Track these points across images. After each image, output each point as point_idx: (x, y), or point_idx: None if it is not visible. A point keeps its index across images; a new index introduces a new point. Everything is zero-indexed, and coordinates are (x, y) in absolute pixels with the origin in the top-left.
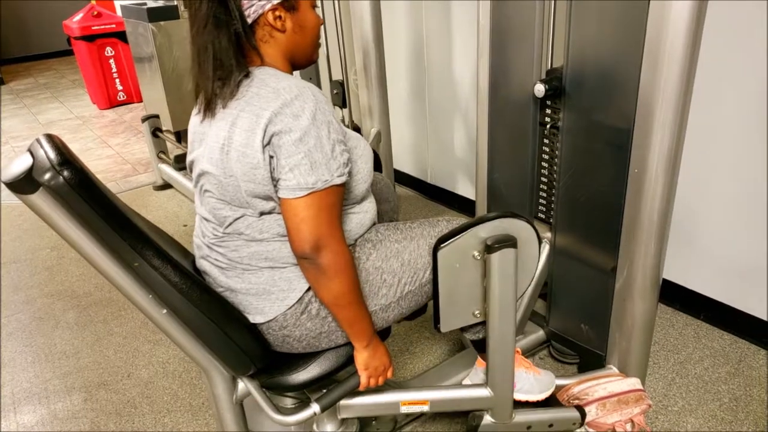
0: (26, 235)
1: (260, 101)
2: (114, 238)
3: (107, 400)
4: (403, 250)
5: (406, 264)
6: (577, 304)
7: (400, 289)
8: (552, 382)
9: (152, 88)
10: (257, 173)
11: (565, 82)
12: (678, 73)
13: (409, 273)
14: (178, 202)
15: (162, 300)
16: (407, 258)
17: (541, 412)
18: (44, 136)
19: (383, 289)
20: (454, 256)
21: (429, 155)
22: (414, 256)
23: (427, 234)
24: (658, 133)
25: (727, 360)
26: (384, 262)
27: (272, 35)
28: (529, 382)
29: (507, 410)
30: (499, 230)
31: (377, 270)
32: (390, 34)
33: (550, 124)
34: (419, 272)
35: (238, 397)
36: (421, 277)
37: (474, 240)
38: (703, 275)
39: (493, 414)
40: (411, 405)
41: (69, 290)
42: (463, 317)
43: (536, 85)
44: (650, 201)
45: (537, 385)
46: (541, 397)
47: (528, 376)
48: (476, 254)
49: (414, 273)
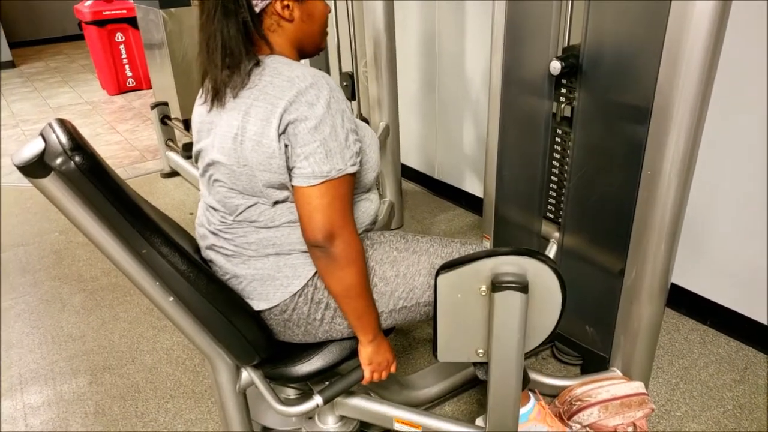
0: (35, 218)
1: (275, 90)
2: (123, 225)
3: (112, 383)
4: (401, 260)
5: (401, 276)
6: (583, 305)
7: (393, 302)
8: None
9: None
10: (273, 162)
11: (582, 60)
12: (699, 63)
13: (404, 287)
14: (185, 190)
15: (169, 287)
16: (403, 270)
17: None
18: (56, 120)
19: (374, 294)
20: (456, 285)
21: (437, 150)
22: (411, 271)
23: (433, 252)
24: (674, 136)
25: (732, 367)
26: (377, 264)
27: (280, 24)
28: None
29: None
30: (511, 268)
31: (369, 270)
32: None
33: (562, 115)
34: (416, 290)
35: (242, 386)
36: (418, 296)
37: (481, 273)
38: (711, 280)
39: None
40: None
41: (76, 274)
42: (464, 353)
43: (552, 62)
44: (662, 204)
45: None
46: None
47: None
48: (483, 289)
49: (410, 290)
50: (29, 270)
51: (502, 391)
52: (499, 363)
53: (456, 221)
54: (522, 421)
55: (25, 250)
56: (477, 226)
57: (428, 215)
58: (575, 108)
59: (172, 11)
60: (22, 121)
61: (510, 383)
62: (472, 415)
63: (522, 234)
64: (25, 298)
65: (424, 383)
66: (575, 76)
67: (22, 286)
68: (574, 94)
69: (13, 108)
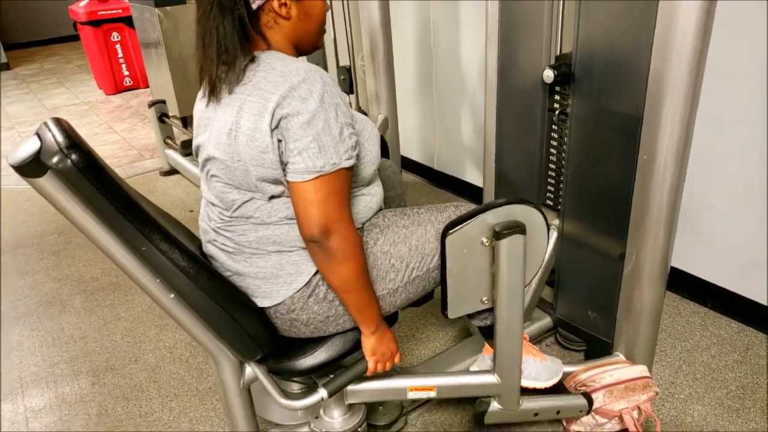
0: (33, 220)
1: (268, 85)
2: (121, 222)
3: (114, 384)
4: (411, 235)
5: (414, 249)
6: (585, 291)
7: (408, 274)
8: (560, 369)
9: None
10: (266, 157)
11: (574, 68)
12: (688, 59)
13: (417, 258)
14: (184, 187)
15: (169, 284)
16: (415, 243)
17: (548, 399)
18: (52, 119)
19: (391, 273)
20: (462, 242)
21: (436, 142)
22: (422, 241)
23: (435, 219)
24: (668, 120)
25: (734, 348)
26: (392, 246)
27: (277, 22)
28: (536, 369)
29: (514, 397)
30: (507, 216)
31: (385, 255)
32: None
33: (559, 110)
34: (427, 257)
35: (246, 382)
36: (429, 262)
37: (482, 226)
38: (711, 263)
39: (500, 401)
40: (418, 391)
41: (76, 275)
42: (471, 304)
43: (545, 71)
44: (659, 188)
45: (544, 372)
46: (549, 384)
47: (536, 363)
48: (485, 240)
49: (422, 258)
50: (28, 272)
51: (508, 329)
52: (505, 304)
53: None
54: None
55: (24, 252)
56: None
57: None
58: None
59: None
60: (18, 123)
61: (515, 319)
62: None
63: None
64: (24, 300)
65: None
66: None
67: (21, 289)
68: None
69: (8, 110)
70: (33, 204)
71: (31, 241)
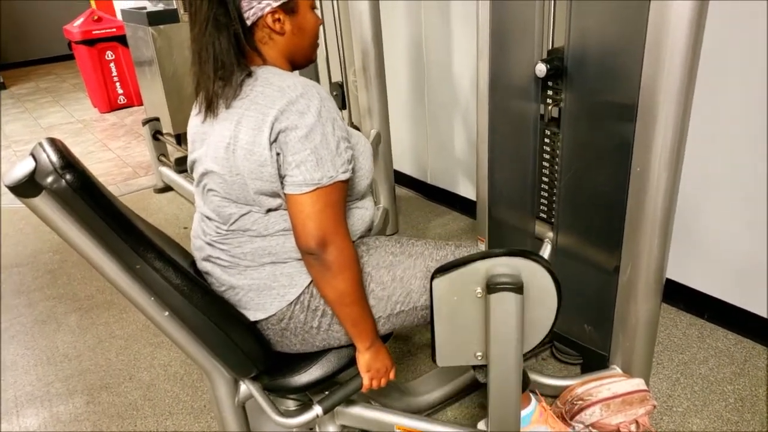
0: (28, 239)
1: (265, 99)
2: (116, 241)
3: (109, 402)
4: (397, 264)
5: (398, 280)
6: (580, 304)
7: (391, 307)
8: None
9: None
10: (264, 171)
11: (566, 62)
12: (681, 60)
13: (401, 291)
14: (178, 204)
15: (164, 302)
16: (399, 274)
17: None
18: (47, 139)
19: (371, 299)
20: (452, 288)
21: (429, 156)
22: (407, 275)
23: (428, 255)
24: (661, 131)
25: (731, 360)
26: (374, 269)
27: (271, 37)
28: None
29: None
30: (505, 269)
31: (366, 275)
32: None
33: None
34: (413, 294)
35: (240, 399)
36: (415, 300)
37: (475, 275)
38: (707, 274)
39: None
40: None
41: (71, 293)
42: (463, 356)
43: (538, 65)
44: (653, 200)
45: None
46: None
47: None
48: (478, 291)
49: (407, 294)
50: (23, 291)
51: (502, 394)
52: (498, 365)
53: (450, 225)
54: (524, 424)
55: (19, 270)
56: (471, 229)
57: (423, 220)
58: (562, 109)
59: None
60: (14, 142)
61: (510, 385)
62: (474, 419)
63: (516, 235)
64: (20, 319)
65: (424, 389)
66: (561, 78)
67: (16, 308)
68: (560, 95)
69: (5, 129)
70: (28, 223)
71: (26, 259)
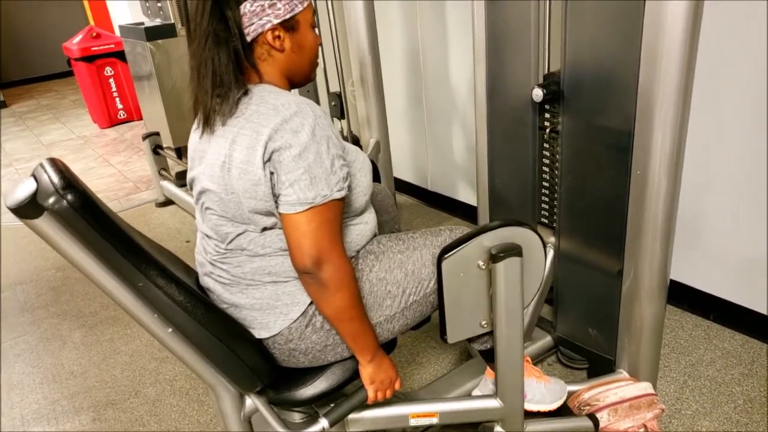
0: (31, 256)
1: (260, 118)
2: (118, 260)
3: (116, 419)
4: (407, 260)
5: (410, 274)
6: (584, 308)
7: (405, 300)
8: (563, 390)
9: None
10: (258, 190)
11: (563, 86)
12: (677, 71)
13: (413, 283)
14: (180, 218)
15: (167, 319)
16: (411, 268)
17: (553, 422)
18: (47, 160)
19: (387, 300)
20: (458, 265)
21: (429, 162)
22: (418, 266)
23: (430, 243)
24: (659, 134)
25: (739, 361)
26: (388, 273)
27: (271, 54)
28: (540, 391)
29: (518, 421)
30: (503, 239)
31: (381, 281)
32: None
33: (550, 128)
34: (423, 282)
35: (246, 413)
36: (425, 287)
37: (478, 249)
38: (711, 274)
39: (503, 425)
40: (420, 417)
41: (75, 310)
42: (470, 327)
43: (534, 90)
44: (654, 202)
45: (548, 395)
46: (553, 407)
47: (539, 385)
48: (481, 264)
49: (418, 283)
50: (27, 308)
51: (509, 352)
52: (505, 325)
53: None
54: None
55: (23, 288)
56: None
57: (424, 226)
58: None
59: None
60: (15, 159)
61: (516, 342)
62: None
63: None
64: (24, 337)
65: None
66: (558, 102)
67: (21, 326)
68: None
69: (5, 147)
70: (31, 241)
71: (29, 277)
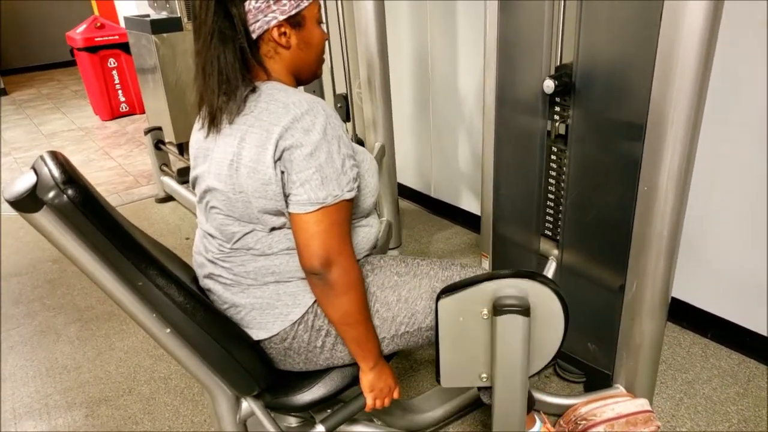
0: (27, 248)
1: (270, 116)
2: (117, 257)
3: (108, 416)
4: (402, 284)
5: (403, 301)
6: (584, 322)
7: (395, 328)
8: None
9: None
10: (269, 189)
11: (575, 78)
12: (691, 76)
13: (406, 312)
14: (180, 214)
15: (166, 319)
16: (405, 294)
17: None
18: (48, 153)
19: (376, 320)
20: (458, 309)
21: (433, 169)
22: (413, 295)
23: (433, 275)
24: (669, 150)
25: (735, 380)
26: (379, 289)
27: (277, 51)
28: None
29: None
30: (512, 291)
31: (371, 296)
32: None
33: (559, 122)
34: (418, 315)
35: (242, 417)
36: (420, 321)
37: (482, 296)
38: (711, 293)
39: None
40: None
41: (71, 304)
42: (467, 377)
43: (546, 81)
44: (660, 219)
45: None
46: None
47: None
48: (485, 313)
49: (412, 315)
50: (23, 300)
51: (506, 416)
52: (503, 387)
53: (454, 239)
54: None
55: (19, 280)
56: (475, 244)
57: (426, 234)
58: (570, 126)
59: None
60: (14, 149)
61: (515, 408)
62: None
63: (520, 252)
64: (18, 329)
65: (427, 406)
66: (569, 95)
67: (15, 317)
68: (567, 112)
69: (5, 136)
70: (27, 232)
71: (25, 269)
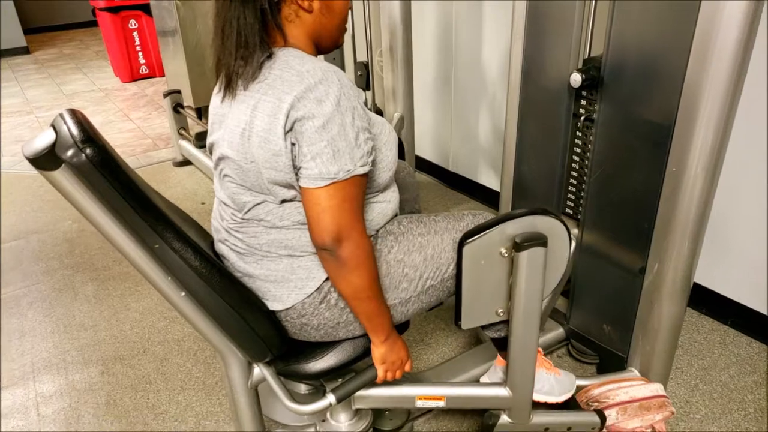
0: (48, 206)
1: (283, 85)
2: (135, 219)
3: (123, 374)
4: (427, 244)
5: (429, 258)
6: (601, 303)
7: (422, 284)
8: (573, 384)
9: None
10: (279, 160)
11: (603, 72)
12: (728, 71)
13: (432, 268)
14: (197, 179)
15: (181, 283)
16: (430, 252)
17: (560, 415)
18: (67, 111)
19: (404, 282)
20: (480, 252)
21: (452, 142)
22: (438, 251)
23: (452, 228)
24: (701, 132)
25: (754, 369)
26: (406, 255)
27: (298, 15)
28: (549, 383)
29: (525, 411)
30: (528, 227)
31: (399, 263)
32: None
33: (585, 116)
34: (442, 267)
35: (253, 382)
36: (444, 272)
37: (502, 236)
38: (733, 279)
39: (510, 414)
40: (427, 400)
41: (88, 263)
42: (485, 315)
43: (573, 75)
44: (687, 202)
45: (557, 387)
46: (561, 400)
47: (548, 376)
48: (503, 251)
49: (437, 268)
50: (42, 258)
51: (523, 343)
52: (521, 317)
53: None
54: None
55: (39, 237)
56: None
57: (442, 207)
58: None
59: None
60: (36, 107)
61: (532, 333)
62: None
63: None
64: (38, 286)
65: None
66: (596, 89)
67: (35, 274)
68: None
69: (27, 95)
70: (48, 190)
71: (45, 226)
